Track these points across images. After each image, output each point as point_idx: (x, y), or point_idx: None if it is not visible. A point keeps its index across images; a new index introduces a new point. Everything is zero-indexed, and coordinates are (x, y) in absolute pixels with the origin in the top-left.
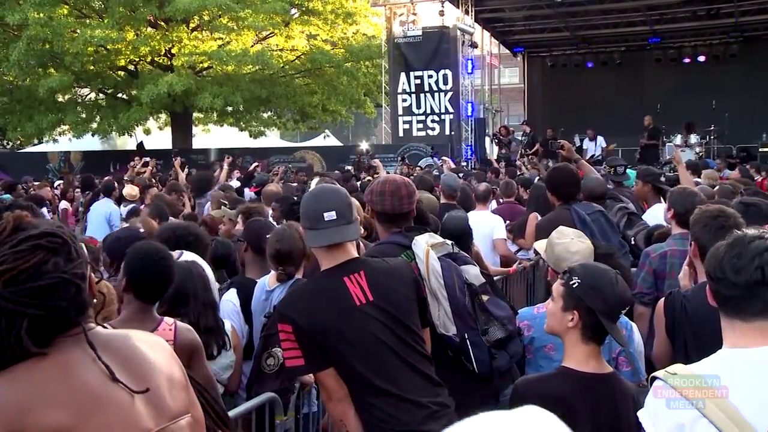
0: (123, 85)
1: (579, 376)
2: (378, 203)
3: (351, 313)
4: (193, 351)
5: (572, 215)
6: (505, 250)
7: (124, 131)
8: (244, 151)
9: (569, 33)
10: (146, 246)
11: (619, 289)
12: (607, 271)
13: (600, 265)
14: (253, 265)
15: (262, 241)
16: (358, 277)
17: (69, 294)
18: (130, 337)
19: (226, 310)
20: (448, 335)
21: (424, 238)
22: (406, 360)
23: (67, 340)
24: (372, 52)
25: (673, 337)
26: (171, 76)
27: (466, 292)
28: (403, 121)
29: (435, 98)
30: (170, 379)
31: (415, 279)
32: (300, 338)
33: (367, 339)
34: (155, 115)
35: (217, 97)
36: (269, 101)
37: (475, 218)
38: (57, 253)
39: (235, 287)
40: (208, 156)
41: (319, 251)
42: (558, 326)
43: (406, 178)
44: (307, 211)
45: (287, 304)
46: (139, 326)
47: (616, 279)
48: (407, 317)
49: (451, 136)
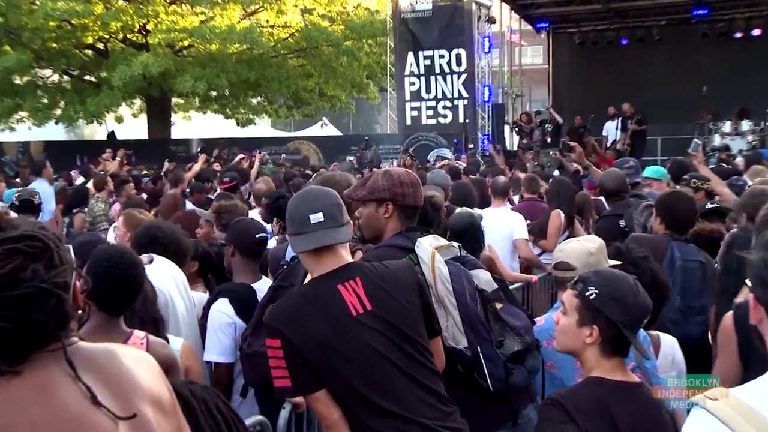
0: (91, 65)
1: (612, 384)
2: (410, 195)
3: (347, 325)
4: (169, 369)
5: (668, 251)
6: (528, 252)
7: (92, 119)
8: (230, 142)
9: (600, 5)
10: (110, 250)
11: (642, 298)
12: (625, 278)
13: (615, 271)
14: (242, 271)
15: (250, 241)
16: (353, 284)
17: (48, 306)
18: (114, 353)
19: (215, 323)
20: (459, 348)
21: (428, 240)
22: (412, 376)
23: (44, 356)
24: (375, 29)
25: (746, 359)
26: (146, 56)
27: (478, 299)
28: (411, 108)
29: (447, 81)
30: (158, 402)
31: (419, 283)
32: (288, 355)
33: (365, 353)
34: (128, 100)
35: (199, 81)
36: (258, 85)
37: (491, 216)
38: (37, 258)
39: (225, 296)
40: (189, 147)
41: (307, 258)
42: (573, 344)
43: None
44: (292, 213)
45: (274, 315)
46: (105, 340)
47: (637, 286)
48: (411, 327)
49: (465, 124)
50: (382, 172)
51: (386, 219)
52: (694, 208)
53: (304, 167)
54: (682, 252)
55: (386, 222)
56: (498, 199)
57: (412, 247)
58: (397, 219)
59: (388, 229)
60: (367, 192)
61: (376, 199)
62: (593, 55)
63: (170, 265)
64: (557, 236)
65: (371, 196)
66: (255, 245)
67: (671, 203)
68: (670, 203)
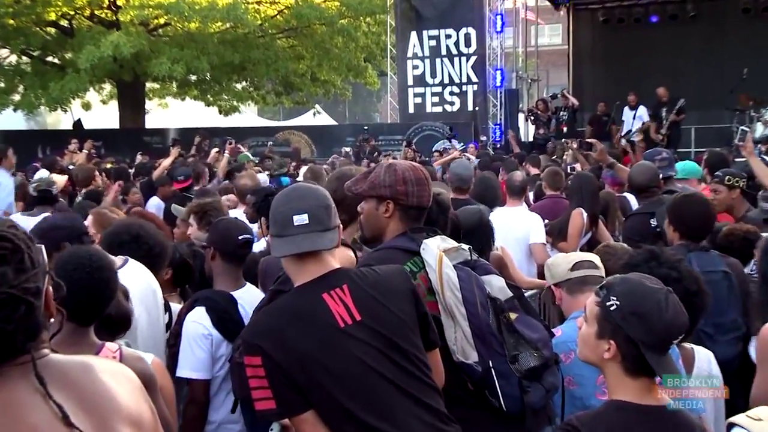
0: (54, 45)
1: (637, 409)
2: (414, 195)
3: (334, 337)
4: (144, 385)
5: (690, 261)
6: (545, 257)
7: (56, 106)
8: (212, 133)
9: None
10: (77, 252)
11: (669, 315)
12: (655, 291)
13: (647, 279)
14: (224, 276)
15: (232, 244)
16: (340, 293)
17: (17, 314)
18: (90, 367)
19: (189, 335)
20: (468, 363)
21: (435, 242)
22: (407, 392)
23: (11, 370)
24: (374, 6)
25: None
26: (117, 35)
27: (490, 308)
28: (414, 94)
29: (454, 64)
30: (138, 422)
31: (412, 290)
32: (271, 373)
33: (355, 368)
34: (97, 85)
35: (176, 63)
36: (243, 68)
37: (505, 216)
38: (5, 261)
39: (202, 305)
40: (165, 138)
41: (289, 264)
42: (592, 356)
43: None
44: (275, 214)
45: (253, 330)
46: (74, 353)
47: (666, 300)
48: (405, 338)
49: (474, 112)
50: (386, 165)
51: (387, 219)
52: (710, 212)
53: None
54: (702, 263)
55: (387, 222)
56: (514, 197)
57: (417, 250)
58: (398, 220)
59: (389, 229)
60: (368, 187)
61: (376, 195)
62: (619, 35)
63: (144, 272)
64: (579, 238)
65: (371, 192)
66: (238, 248)
67: (682, 209)
68: (681, 209)
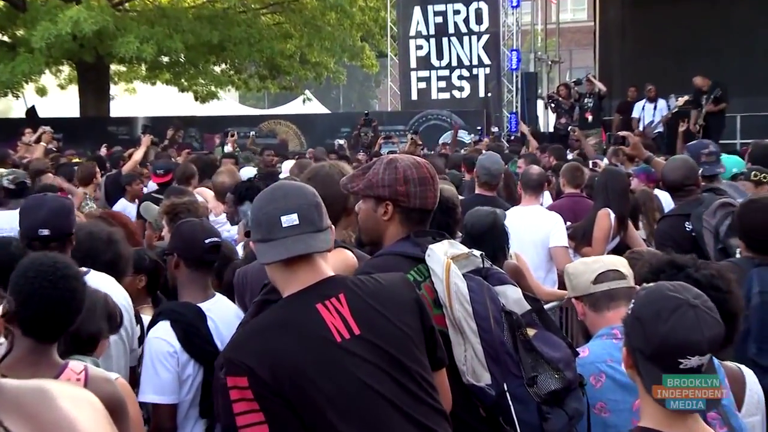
0: (3, 21)
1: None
2: (416, 196)
3: (329, 353)
4: (114, 411)
5: (752, 279)
6: (568, 263)
7: (6, 90)
8: (187, 122)
9: None
10: (41, 260)
11: (669, 326)
12: (669, 298)
13: (671, 286)
14: (190, 286)
15: (198, 249)
16: (336, 303)
17: None
18: (48, 393)
19: (153, 353)
20: (480, 386)
21: (441, 248)
22: (410, 416)
23: None
24: None
25: None
26: (76, 10)
27: (505, 323)
28: (418, 78)
29: (464, 44)
30: None
31: (417, 301)
32: (260, 394)
33: (353, 388)
34: (54, 67)
35: (145, 42)
36: (223, 49)
37: (521, 217)
38: None
39: (166, 318)
40: (133, 128)
41: (277, 271)
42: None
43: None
44: (258, 216)
45: (238, 346)
46: (32, 374)
47: (679, 311)
48: (410, 356)
49: (487, 99)
50: (386, 160)
51: (386, 222)
52: None
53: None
54: (763, 282)
55: (386, 225)
56: (530, 194)
57: (422, 256)
58: (399, 223)
59: (388, 233)
60: (365, 185)
61: (374, 195)
62: (653, 10)
63: (108, 281)
64: (605, 242)
65: (369, 191)
66: (204, 253)
67: (745, 216)
68: (743, 216)
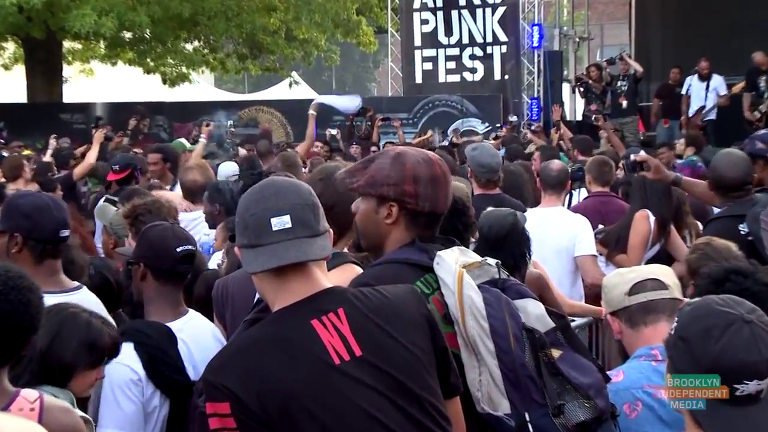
0: None
1: None
2: (426, 197)
3: (326, 377)
4: None
5: None
6: (597, 274)
7: None
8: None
9: None
10: None
11: (720, 346)
12: (719, 313)
13: (723, 300)
14: (158, 302)
15: (169, 258)
16: (335, 320)
17: None
18: None
19: (114, 381)
20: (497, 415)
21: (452, 255)
22: None
23: None
24: None
25: None
26: None
27: (526, 343)
28: (424, 58)
29: (477, 18)
30: None
31: (428, 318)
32: (244, 423)
33: (353, 417)
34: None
35: (105, 16)
36: (195, 23)
37: (541, 220)
38: None
39: (130, 340)
40: (89, 115)
41: (266, 283)
42: None
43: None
44: (245, 218)
45: (218, 367)
46: None
47: (729, 328)
48: (418, 381)
49: (504, 82)
50: (393, 155)
51: (389, 225)
52: None
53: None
54: None
55: (389, 229)
56: (550, 194)
57: (429, 265)
58: (403, 228)
59: (390, 238)
60: (366, 182)
61: (376, 195)
62: None
63: (93, 301)
64: (643, 250)
65: (371, 189)
66: (176, 263)
67: None
68: None
